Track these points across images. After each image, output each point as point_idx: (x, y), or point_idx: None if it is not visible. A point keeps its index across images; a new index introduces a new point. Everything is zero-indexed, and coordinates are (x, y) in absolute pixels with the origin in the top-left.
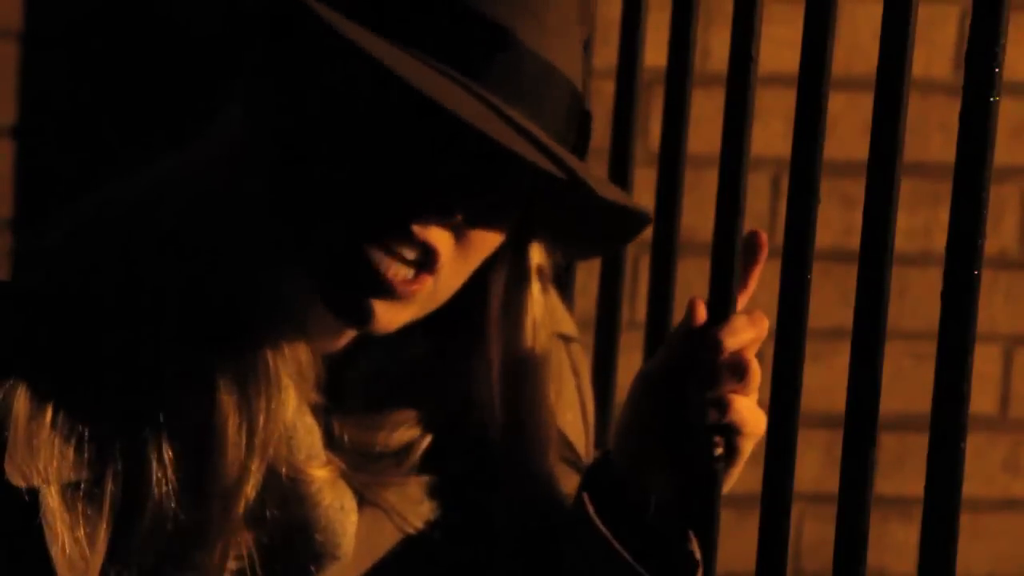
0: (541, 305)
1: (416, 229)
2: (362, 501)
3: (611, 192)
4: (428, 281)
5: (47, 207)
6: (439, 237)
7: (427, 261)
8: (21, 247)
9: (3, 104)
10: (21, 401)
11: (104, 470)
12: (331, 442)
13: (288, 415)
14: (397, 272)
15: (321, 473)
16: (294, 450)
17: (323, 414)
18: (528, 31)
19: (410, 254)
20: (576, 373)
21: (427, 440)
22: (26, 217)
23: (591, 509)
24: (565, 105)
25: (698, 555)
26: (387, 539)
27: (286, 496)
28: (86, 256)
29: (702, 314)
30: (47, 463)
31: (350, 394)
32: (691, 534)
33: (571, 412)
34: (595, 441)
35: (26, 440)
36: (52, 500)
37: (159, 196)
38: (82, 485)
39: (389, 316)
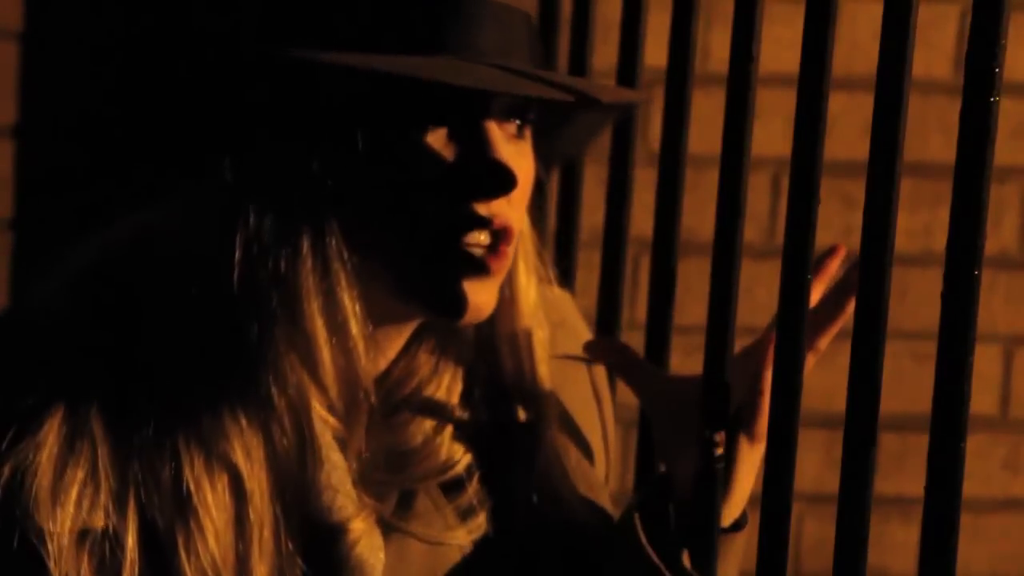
0: (533, 291)
1: (484, 212)
2: (389, 530)
3: (616, 94)
4: (509, 251)
5: (47, 207)
6: (502, 208)
7: (502, 236)
8: (25, 297)
9: (3, 104)
10: (46, 453)
11: (124, 521)
12: (360, 463)
13: (321, 454)
14: (485, 252)
15: (358, 525)
16: (324, 491)
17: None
18: None
19: (486, 238)
20: (598, 398)
21: (450, 427)
22: (26, 217)
23: (643, 537)
24: (533, 35)
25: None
26: (415, 563)
27: (320, 540)
28: (101, 300)
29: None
30: (66, 511)
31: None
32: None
33: (593, 436)
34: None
35: (50, 493)
36: (64, 547)
37: (171, 241)
38: (98, 533)
39: (488, 297)
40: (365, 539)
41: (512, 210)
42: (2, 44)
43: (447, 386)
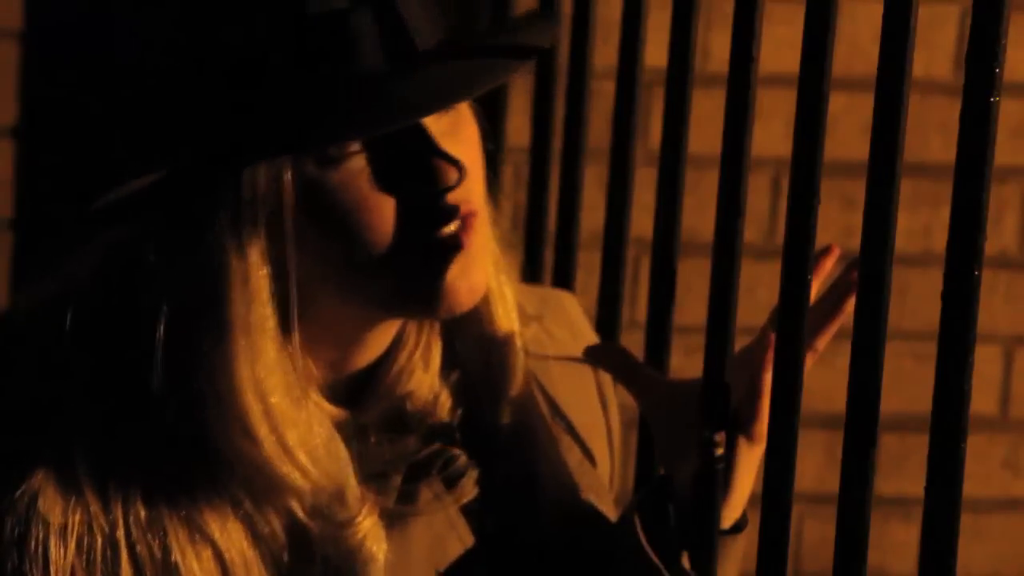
0: (506, 289)
1: (450, 200)
2: (392, 519)
3: (544, 36)
4: (475, 225)
5: (47, 207)
6: (460, 195)
7: (469, 220)
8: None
9: (3, 104)
10: (45, 503)
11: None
12: (361, 441)
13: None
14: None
15: (364, 522)
16: (326, 491)
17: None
18: None
19: (455, 224)
20: (604, 401)
21: (446, 394)
22: (26, 217)
23: (643, 538)
24: None
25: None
26: (418, 551)
27: (325, 542)
28: (85, 331)
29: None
30: (68, 561)
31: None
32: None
33: (598, 439)
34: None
35: (56, 545)
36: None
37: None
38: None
39: (474, 276)
40: (371, 533)
41: (472, 192)
42: (2, 44)
43: (432, 368)
